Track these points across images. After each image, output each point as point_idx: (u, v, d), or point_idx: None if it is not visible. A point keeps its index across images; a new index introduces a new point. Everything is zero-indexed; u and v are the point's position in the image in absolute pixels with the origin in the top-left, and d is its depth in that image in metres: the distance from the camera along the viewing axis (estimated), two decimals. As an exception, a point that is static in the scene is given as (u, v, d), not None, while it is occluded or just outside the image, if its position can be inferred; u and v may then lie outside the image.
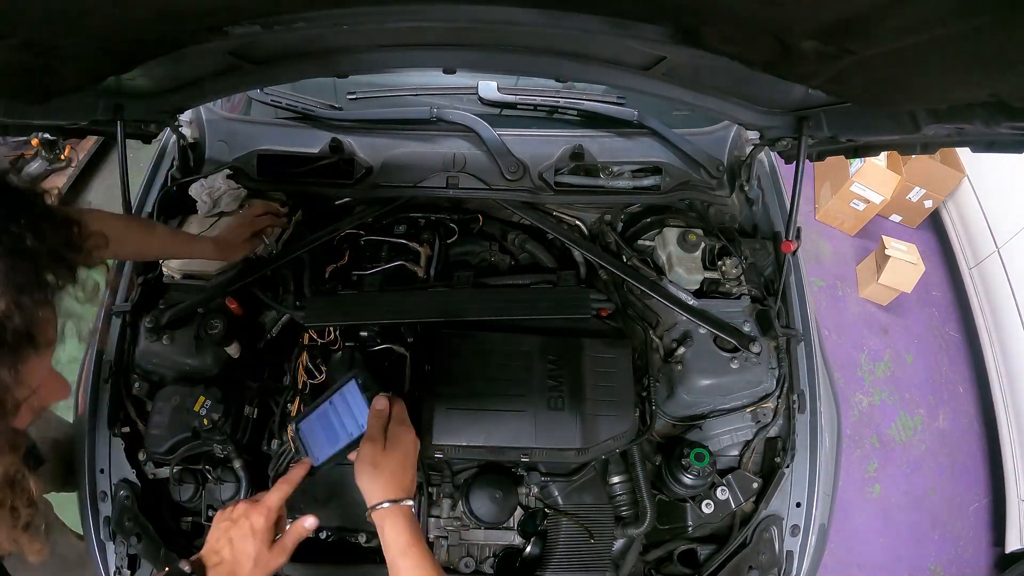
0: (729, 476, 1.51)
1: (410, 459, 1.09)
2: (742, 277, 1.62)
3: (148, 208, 1.70)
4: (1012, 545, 2.84)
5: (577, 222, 1.82)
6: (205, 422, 1.40)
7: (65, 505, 2.61)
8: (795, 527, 1.46)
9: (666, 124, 1.78)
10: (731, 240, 1.66)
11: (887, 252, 3.51)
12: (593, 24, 1.05)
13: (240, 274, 1.58)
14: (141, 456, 1.52)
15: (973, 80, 0.84)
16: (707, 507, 1.49)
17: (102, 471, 1.50)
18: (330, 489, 1.45)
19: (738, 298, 1.60)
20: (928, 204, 3.92)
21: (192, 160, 1.79)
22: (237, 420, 1.48)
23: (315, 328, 1.57)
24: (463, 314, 1.50)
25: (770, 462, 1.55)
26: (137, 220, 1.62)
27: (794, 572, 1.44)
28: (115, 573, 1.47)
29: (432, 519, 1.48)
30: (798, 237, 1.55)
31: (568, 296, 1.50)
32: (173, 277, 1.63)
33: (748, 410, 1.56)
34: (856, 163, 3.65)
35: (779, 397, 1.55)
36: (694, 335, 1.54)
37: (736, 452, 1.57)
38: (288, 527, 1.06)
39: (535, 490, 1.48)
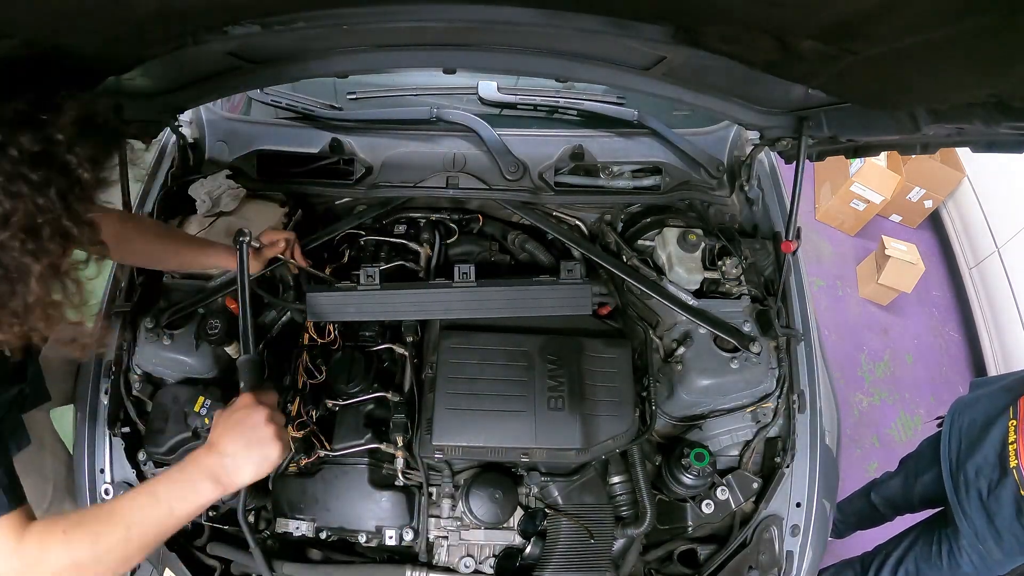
0: (729, 476, 1.51)
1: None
2: (742, 277, 1.62)
3: (148, 208, 1.70)
4: (1012, 545, 2.84)
5: (577, 222, 1.82)
6: (206, 422, 1.40)
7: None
8: (795, 527, 1.46)
9: (666, 124, 1.78)
10: (731, 240, 1.66)
11: (887, 252, 3.51)
12: (593, 24, 1.05)
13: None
14: (141, 456, 1.52)
15: (973, 80, 0.84)
16: (707, 507, 1.49)
17: (102, 471, 1.50)
18: (330, 490, 1.45)
19: (738, 298, 1.60)
20: (928, 204, 3.93)
21: (192, 160, 1.79)
22: (237, 420, 1.47)
23: (315, 327, 1.57)
24: (465, 311, 1.50)
25: (770, 462, 1.55)
26: (147, 220, 1.58)
27: (794, 572, 1.44)
28: (115, 573, 1.47)
29: (432, 519, 1.48)
30: (798, 237, 1.55)
31: (569, 292, 1.51)
32: (173, 277, 1.63)
33: (748, 410, 1.56)
34: (856, 163, 3.65)
35: (779, 397, 1.55)
36: (694, 335, 1.54)
37: (736, 452, 1.57)
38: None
39: (535, 490, 1.48)
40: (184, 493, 0.91)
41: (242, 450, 0.93)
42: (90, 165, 0.78)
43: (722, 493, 1.49)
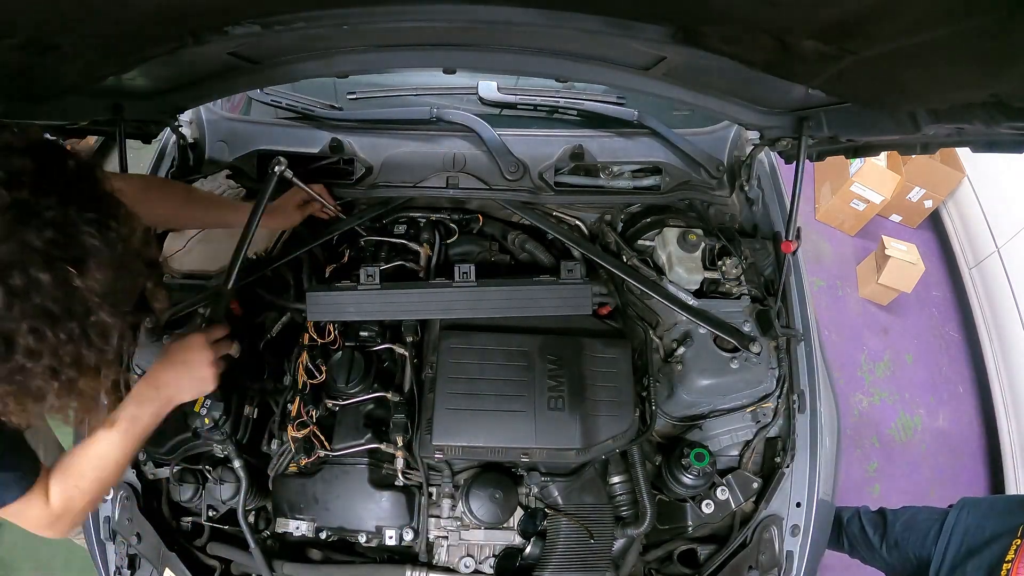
0: (729, 476, 1.51)
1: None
2: (742, 277, 1.62)
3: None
4: (1012, 545, 2.83)
5: (577, 222, 1.82)
6: (206, 421, 1.39)
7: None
8: (795, 527, 1.46)
9: (666, 124, 1.78)
10: (731, 240, 1.66)
11: (887, 252, 3.51)
12: (593, 24, 1.05)
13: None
14: (141, 456, 1.52)
15: (973, 80, 0.84)
16: (707, 507, 1.49)
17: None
18: (330, 489, 1.45)
19: (738, 298, 1.60)
20: (928, 204, 3.92)
21: (192, 160, 1.79)
22: (237, 420, 1.48)
23: (315, 327, 1.57)
24: (465, 311, 1.50)
25: (770, 462, 1.55)
26: (173, 184, 1.63)
27: (794, 572, 1.44)
28: (115, 573, 1.47)
29: (432, 519, 1.48)
30: (798, 237, 1.55)
31: (569, 292, 1.51)
32: (173, 277, 1.63)
33: (748, 410, 1.56)
34: (856, 163, 3.65)
35: (779, 397, 1.55)
36: (694, 335, 1.54)
37: (736, 452, 1.57)
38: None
39: (535, 490, 1.48)
40: (139, 414, 1.12)
41: (182, 383, 1.18)
42: (110, 307, 0.81)
43: (722, 493, 1.49)
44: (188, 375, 1.17)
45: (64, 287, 0.75)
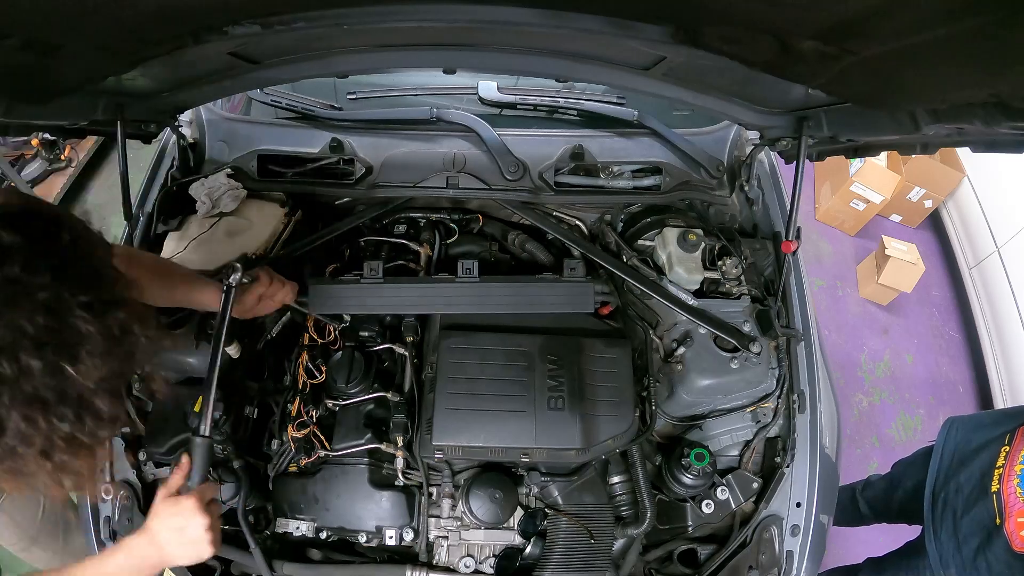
0: (729, 476, 1.51)
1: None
2: (742, 277, 1.62)
3: (148, 208, 1.70)
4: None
5: (577, 222, 1.82)
6: (205, 422, 1.39)
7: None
8: (795, 527, 1.46)
9: (666, 124, 1.78)
10: (731, 240, 1.66)
11: (887, 252, 3.51)
12: (593, 24, 1.05)
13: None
14: (141, 456, 1.52)
15: (973, 80, 0.84)
16: (707, 507, 1.49)
17: (102, 471, 1.49)
18: (330, 489, 1.45)
19: (738, 298, 1.60)
20: (928, 204, 3.93)
21: (192, 160, 1.79)
22: (237, 420, 1.48)
23: (315, 327, 1.58)
24: (468, 307, 1.50)
25: (770, 462, 1.55)
26: (142, 255, 1.43)
27: (794, 572, 1.44)
28: (115, 573, 1.47)
29: (432, 519, 1.48)
30: (798, 237, 1.55)
31: (572, 290, 1.51)
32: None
33: (748, 410, 1.56)
34: (856, 163, 3.65)
35: (779, 397, 1.55)
36: (694, 335, 1.54)
37: (736, 452, 1.57)
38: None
39: (535, 490, 1.48)
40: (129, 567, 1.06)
41: (177, 548, 1.08)
42: (106, 393, 0.77)
43: (722, 493, 1.49)
44: (182, 539, 1.07)
45: (56, 374, 0.71)
